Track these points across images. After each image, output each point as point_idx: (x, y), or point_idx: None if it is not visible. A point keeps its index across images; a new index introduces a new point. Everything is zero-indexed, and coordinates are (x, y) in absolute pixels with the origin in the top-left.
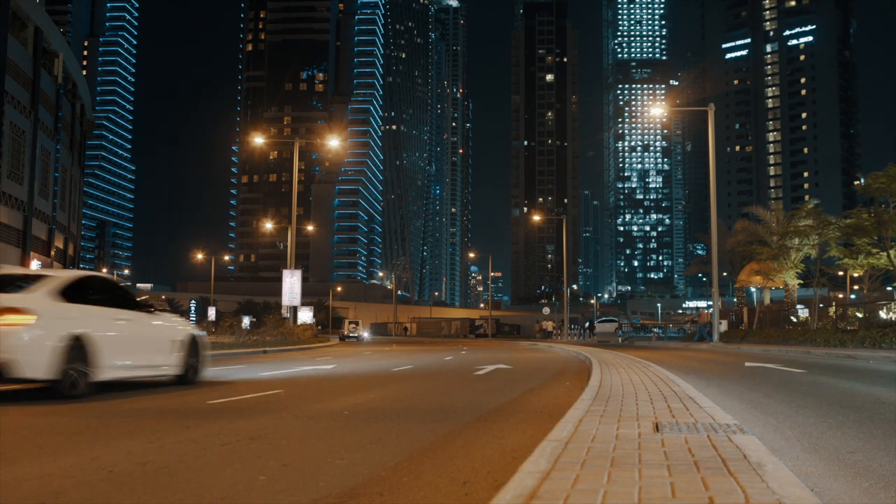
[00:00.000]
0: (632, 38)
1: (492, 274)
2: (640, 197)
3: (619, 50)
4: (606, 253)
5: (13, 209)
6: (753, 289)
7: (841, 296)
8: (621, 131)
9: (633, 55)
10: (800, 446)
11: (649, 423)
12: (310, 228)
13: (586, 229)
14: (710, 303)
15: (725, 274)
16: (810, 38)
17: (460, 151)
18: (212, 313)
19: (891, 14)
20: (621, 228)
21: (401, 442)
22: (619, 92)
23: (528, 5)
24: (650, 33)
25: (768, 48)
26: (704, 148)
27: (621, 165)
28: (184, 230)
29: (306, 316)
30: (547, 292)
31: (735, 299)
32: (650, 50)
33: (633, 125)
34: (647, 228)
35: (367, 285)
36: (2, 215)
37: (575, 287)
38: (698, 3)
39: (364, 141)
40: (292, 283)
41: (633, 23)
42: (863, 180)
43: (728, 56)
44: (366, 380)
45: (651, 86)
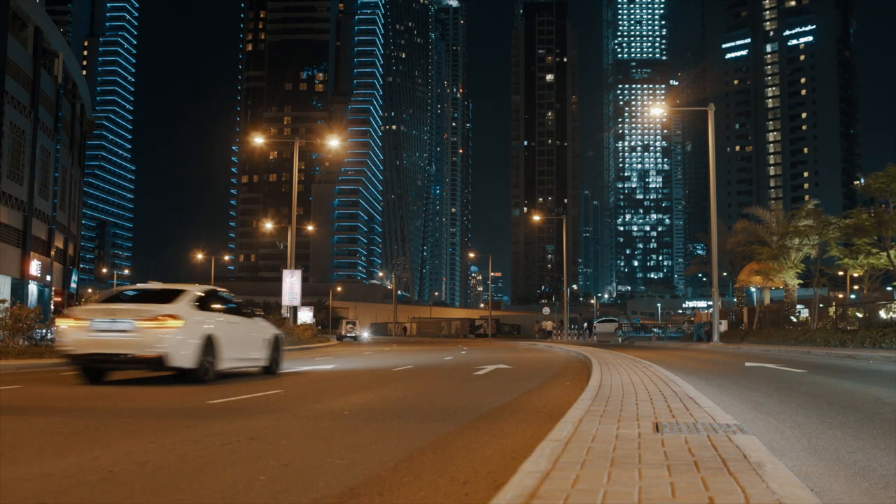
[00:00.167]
0: (632, 38)
1: (492, 274)
2: (640, 197)
3: (619, 50)
4: (606, 253)
5: (13, 209)
6: (753, 289)
7: (841, 296)
8: (621, 131)
9: (633, 55)
10: (800, 446)
11: (649, 423)
12: (310, 228)
13: (586, 229)
14: (710, 303)
15: (725, 274)
16: (810, 38)
17: (460, 151)
18: None
19: (891, 14)
20: (621, 228)
21: (401, 442)
22: (619, 92)
23: (528, 5)
24: (650, 33)
25: (768, 48)
26: (704, 148)
27: (621, 165)
28: (184, 230)
29: (306, 316)
30: (547, 292)
31: (735, 299)
32: (650, 50)
33: (633, 125)
34: (647, 228)
35: (367, 285)
36: (2, 215)
37: (575, 287)
38: (698, 3)
39: (364, 141)
40: (292, 283)
41: (633, 23)
42: (863, 180)
43: (728, 56)
44: (366, 380)
45: (651, 86)
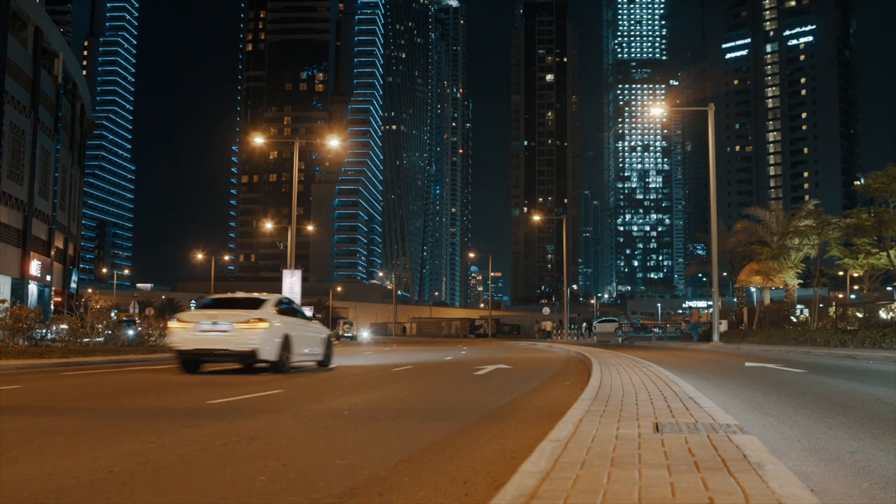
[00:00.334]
0: (632, 38)
1: (492, 274)
2: (640, 197)
3: (619, 50)
4: (606, 253)
5: (13, 209)
6: (753, 289)
7: (841, 296)
8: (621, 131)
9: (633, 55)
10: (800, 446)
11: (649, 422)
12: (310, 228)
13: (586, 229)
14: (710, 303)
15: (725, 274)
16: (810, 38)
17: (460, 151)
18: None
19: (891, 14)
20: (621, 228)
21: (401, 442)
22: (619, 92)
23: (528, 5)
24: (650, 33)
25: (768, 48)
26: (704, 148)
27: (621, 165)
28: (184, 230)
29: None
30: (547, 292)
31: (735, 299)
32: (650, 50)
33: (633, 125)
34: (647, 228)
35: (367, 285)
36: (2, 215)
37: (575, 287)
38: (698, 3)
39: (364, 141)
40: (292, 283)
41: (633, 23)
42: (863, 180)
43: (728, 56)
44: (365, 380)
45: (651, 86)
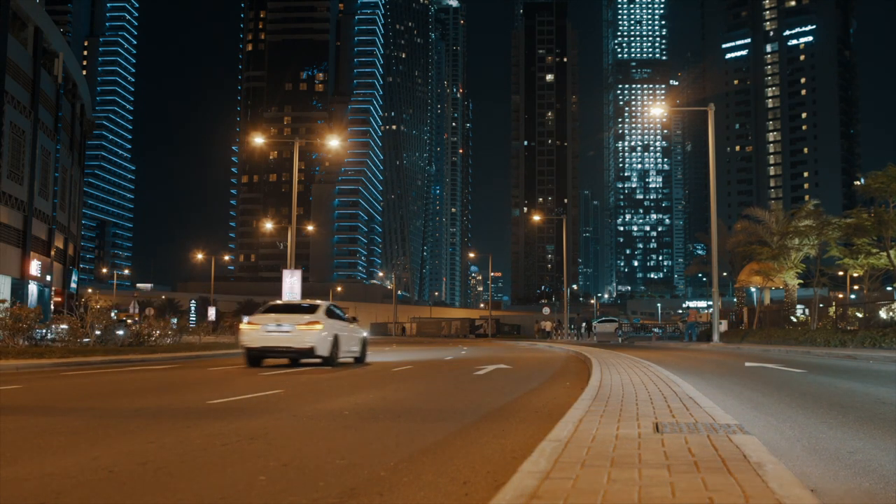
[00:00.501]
0: (632, 38)
1: (492, 274)
2: (640, 197)
3: (619, 50)
4: (606, 253)
5: (13, 209)
6: (753, 289)
7: (841, 296)
8: (621, 131)
9: (633, 55)
10: (800, 446)
11: (649, 422)
12: (310, 228)
13: (586, 229)
14: (711, 303)
15: (725, 274)
16: (810, 38)
17: (460, 151)
18: (212, 313)
19: (891, 14)
20: (621, 228)
21: (401, 442)
22: (619, 92)
23: (528, 5)
24: (650, 33)
25: (768, 48)
26: (704, 148)
27: (621, 165)
28: (184, 230)
29: None
30: (547, 292)
31: (735, 299)
32: (650, 50)
33: (633, 125)
34: (647, 228)
35: (367, 285)
36: (2, 215)
37: (575, 287)
38: (698, 3)
39: (364, 141)
40: (292, 283)
41: (633, 23)
42: (863, 180)
43: (728, 56)
44: (365, 380)
45: (651, 86)
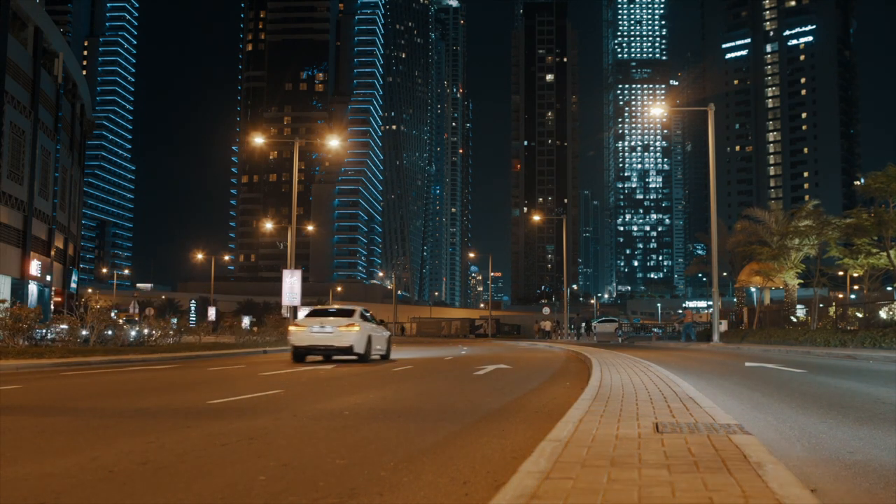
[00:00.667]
0: (632, 38)
1: (492, 274)
2: (640, 197)
3: (619, 50)
4: (606, 253)
5: (13, 209)
6: (753, 289)
7: (841, 296)
8: (621, 131)
9: (633, 55)
10: (800, 446)
11: (649, 422)
12: (310, 228)
13: (586, 229)
14: (711, 303)
15: (725, 274)
16: (810, 38)
17: (460, 151)
18: (212, 313)
19: (891, 14)
20: (621, 228)
21: (401, 442)
22: (619, 92)
23: (528, 5)
24: (650, 33)
25: (768, 48)
26: (704, 148)
27: (621, 165)
28: (184, 230)
29: None
30: (547, 292)
31: (735, 299)
32: (650, 50)
33: (633, 125)
34: (647, 228)
35: (367, 285)
36: (2, 215)
37: (575, 287)
38: (698, 3)
39: (364, 141)
40: (292, 283)
41: (633, 23)
42: (863, 180)
43: (728, 56)
44: (365, 380)
45: (651, 86)
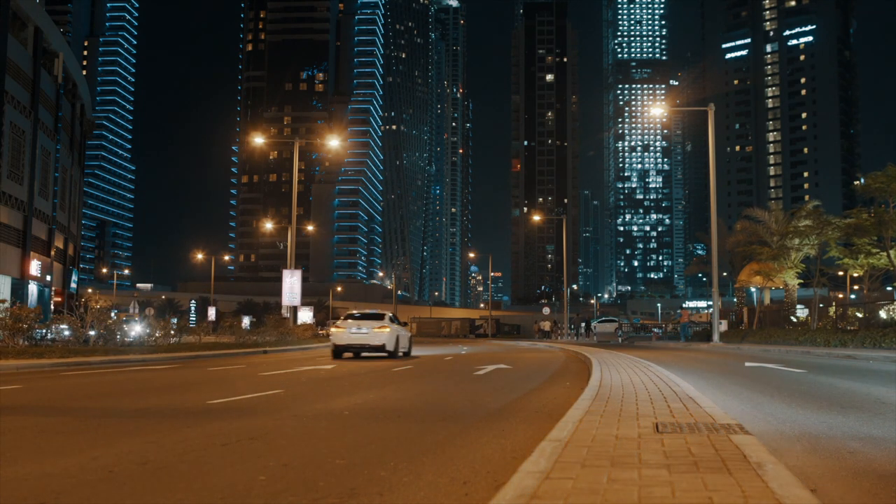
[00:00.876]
0: (632, 38)
1: (492, 274)
2: (640, 197)
3: (619, 50)
4: (606, 253)
5: (13, 209)
6: (753, 289)
7: (841, 296)
8: (621, 131)
9: (633, 55)
10: (800, 446)
11: (649, 422)
12: (310, 228)
13: (586, 229)
14: (711, 303)
15: (725, 274)
16: (810, 38)
17: (460, 151)
18: (212, 313)
19: (891, 14)
20: (621, 228)
21: (401, 442)
22: (619, 92)
23: (528, 5)
24: (650, 33)
25: (768, 48)
26: (704, 148)
27: (621, 165)
28: (184, 230)
29: (306, 316)
30: (547, 292)
31: (735, 299)
32: (650, 50)
33: (633, 125)
34: (647, 228)
35: (367, 285)
36: (2, 215)
37: (575, 287)
38: (698, 3)
39: (364, 141)
40: (292, 283)
41: (633, 23)
42: (863, 180)
43: (728, 56)
44: (365, 380)
45: (651, 86)
